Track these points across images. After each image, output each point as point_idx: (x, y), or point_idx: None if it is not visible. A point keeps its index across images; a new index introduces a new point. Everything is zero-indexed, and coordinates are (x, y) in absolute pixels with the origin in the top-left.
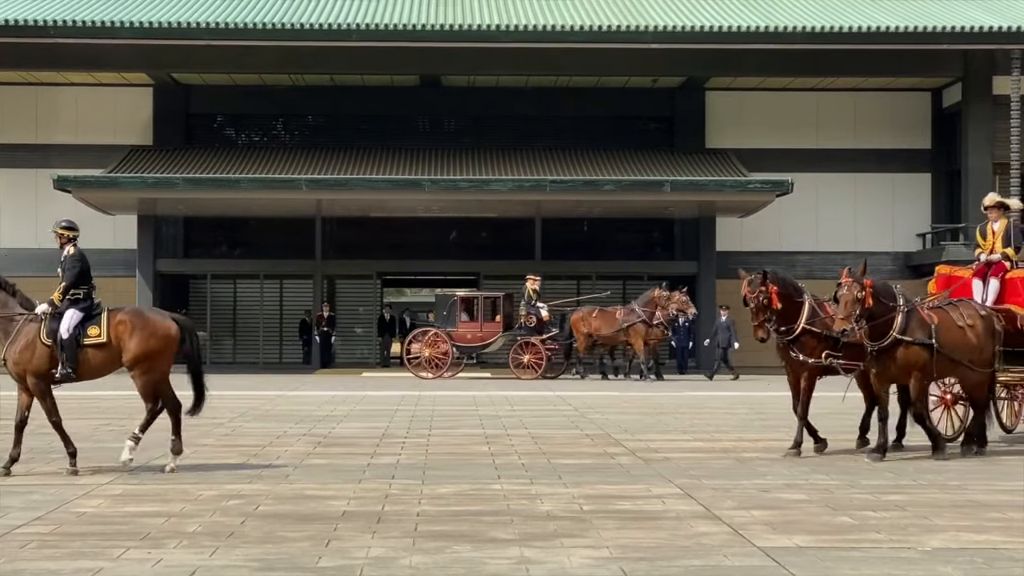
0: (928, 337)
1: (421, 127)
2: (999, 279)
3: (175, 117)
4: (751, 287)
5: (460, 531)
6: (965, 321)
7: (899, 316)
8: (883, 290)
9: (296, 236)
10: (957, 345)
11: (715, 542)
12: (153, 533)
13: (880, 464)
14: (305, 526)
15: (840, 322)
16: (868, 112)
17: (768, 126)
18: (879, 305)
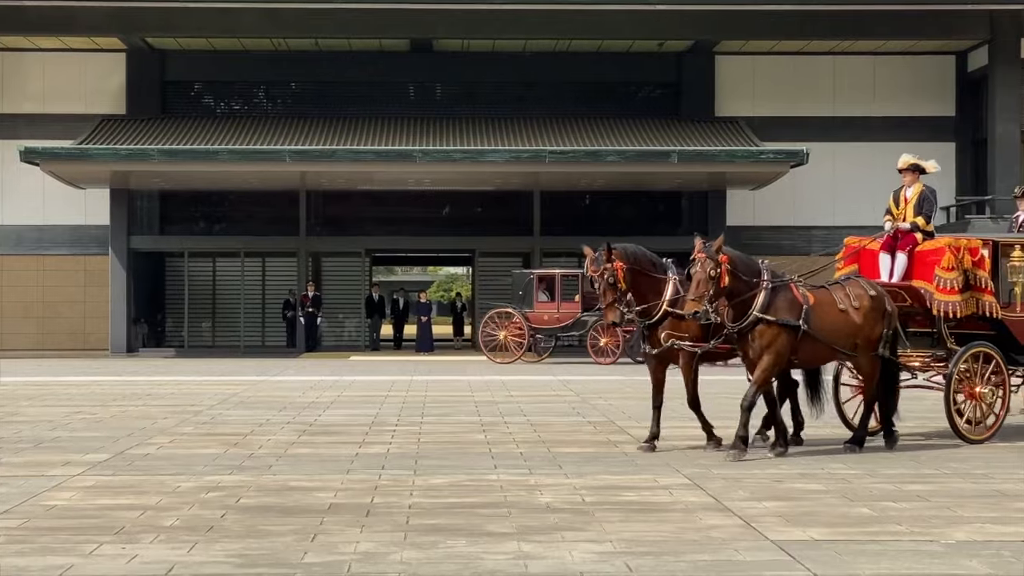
0: (796, 318)
1: (412, 95)
2: (907, 253)
3: (149, 85)
4: (595, 264)
5: (454, 525)
6: (850, 303)
7: (761, 294)
8: (744, 266)
9: (279, 211)
10: (832, 327)
11: (726, 535)
12: (128, 527)
13: (899, 452)
14: (289, 520)
15: (690, 304)
16: (888, 77)
17: (782, 92)
18: (738, 282)
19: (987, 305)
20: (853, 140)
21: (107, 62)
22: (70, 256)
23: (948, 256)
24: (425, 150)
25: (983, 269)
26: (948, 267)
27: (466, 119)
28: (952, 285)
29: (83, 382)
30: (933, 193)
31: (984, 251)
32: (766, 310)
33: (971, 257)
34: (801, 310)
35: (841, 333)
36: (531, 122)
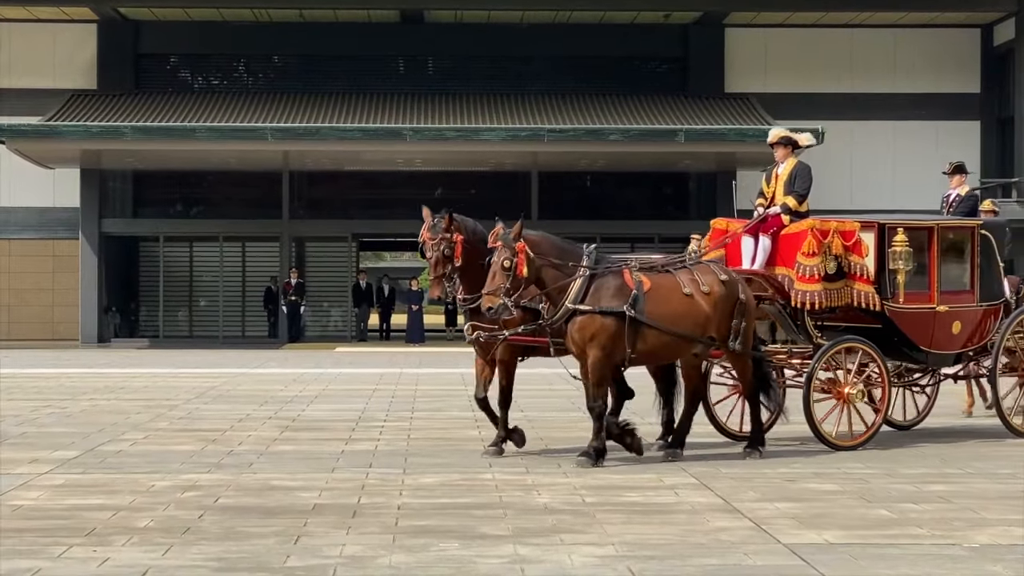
0: (621, 305)
1: (402, 69)
2: (770, 236)
3: (122, 57)
4: (432, 232)
5: (446, 526)
6: (698, 288)
7: (577, 282)
8: (557, 251)
9: (260, 193)
10: (674, 314)
11: (735, 538)
12: (99, 529)
13: (920, 451)
14: (271, 521)
15: (486, 298)
16: (909, 51)
17: (796, 68)
18: (550, 271)
19: (864, 296)
20: (872, 119)
21: (77, 33)
22: (37, 240)
23: (810, 240)
24: (416, 128)
25: (859, 255)
26: (809, 252)
27: (459, 95)
28: (813, 272)
29: (51, 374)
30: (807, 169)
31: (864, 235)
32: (583, 299)
33: (844, 241)
34: (629, 296)
35: (686, 320)
36: (529, 99)
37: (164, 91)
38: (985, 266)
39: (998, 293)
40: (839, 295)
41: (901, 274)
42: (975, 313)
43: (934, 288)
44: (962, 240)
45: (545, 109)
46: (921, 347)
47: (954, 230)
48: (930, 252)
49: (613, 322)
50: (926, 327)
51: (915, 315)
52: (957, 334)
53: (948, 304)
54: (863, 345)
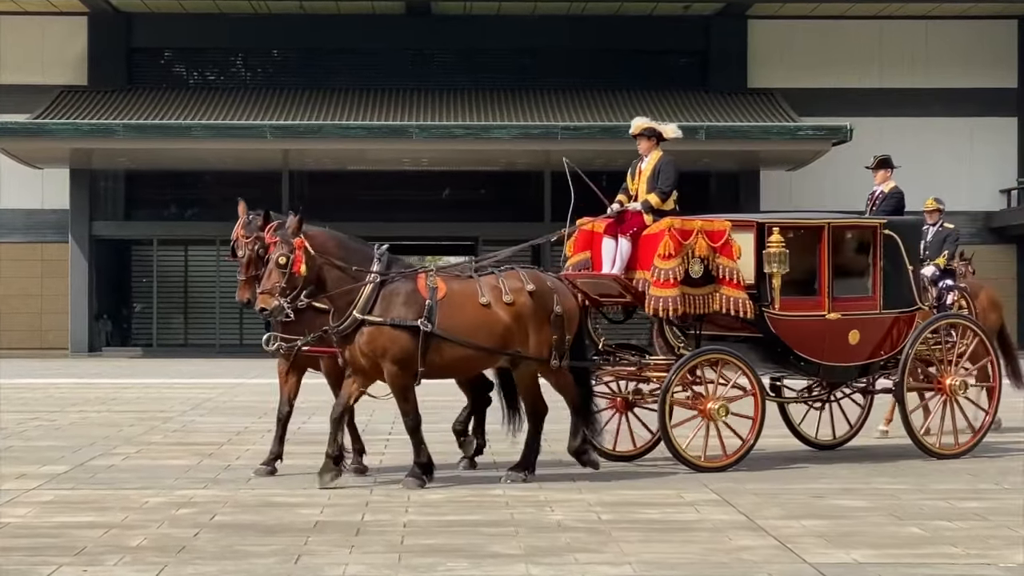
0: (417, 316)
1: (408, 63)
2: (629, 237)
3: (114, 52)
4: (246, 230)
5: (454, 545)
6: (499, 296)
7: (367, 288)
8: (342, 251)
9: (259, 194)
10: (468, 325)
11: (758, 557)
12: (90, 548)
13: (953, 465)
14: (270, 539)
15: (260, 298)
16: (941, 44)
17: (822, 62)
18: (332, 272)
19: (734, 302)
20: (902, 115)
21: (67, 26)
22: (25, 244)
23: (666, 241)
24: (422, 126)
25: (728, 257)
26: (666, 254)
27: (468, 91)
28: (669, 276)
29: (40, 385)
30: (672, 163)
31: (740, 236)
32: (371, 308)
33: (711, 242)
34: (423, 306)
35: (481, 332)
36: (541, 94)
37: (158, 87)
38: (891, 270)
39: (909, 299)
40: (705, 301)
41: (776, 278)
42: (879, 322)
43: (825, 294)
44: (862, 241)
45: (558, 105)
46: (810, 358)
47: (852, 230)
48: (820, 254)
49: (401, 333)
50: (815, 336)
51: (800, 323)
52: (856, 344)
53: (842, 311)
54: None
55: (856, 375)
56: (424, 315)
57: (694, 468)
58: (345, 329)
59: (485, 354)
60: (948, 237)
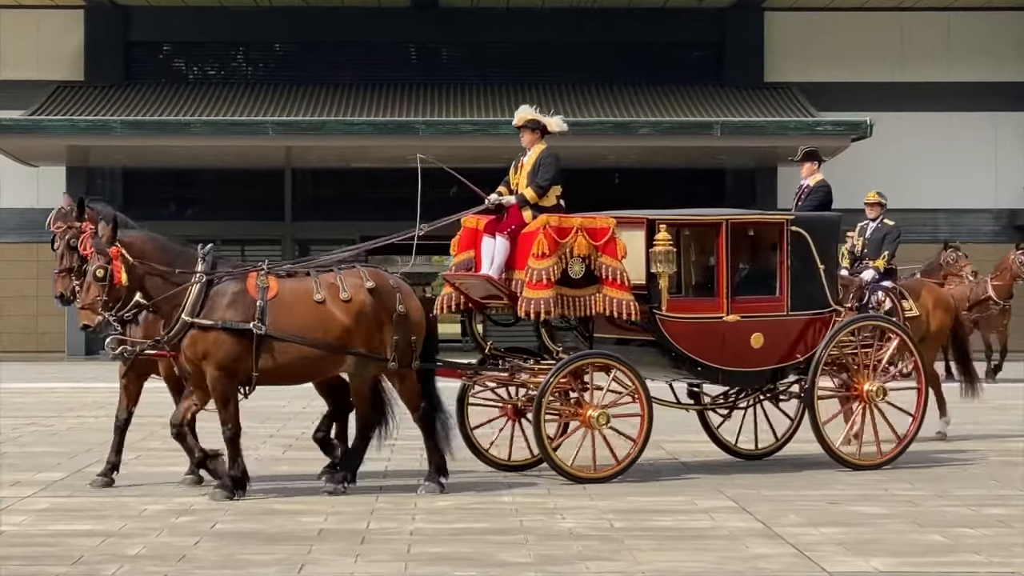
0: (248, 318)
1: (414, 58)
2: (507, 236)
3: (111, 47)
4: (62, 219)
5: (462, 553)
6: (336, 295)
7: (193, 290)
8: (163, 255)
9: (261, 192)
10: (301, 326)
11: (775, 566)
12: (87, 556)
13: (975, 471)
14: (272, 548)
15: (81, 314)
16: (965, 36)
17: (841, 55)
18: (155, 278)
19: (618, 304)
20: (923, 110)
21: (63, 20)
22: (19, 244)
23: (540, 239)
24: (429, 121)
25: (612, 256)
26: (540, 254)
27: (476, 86)
28: (542, 277)
29: (35, 389)
30: (553, 157)
31: (630, 233)
32: (199, 310)
33: (592, 241)
34: (253, 307)
35: (316, 332)
36: (551, 89)
37: (156, 82)
38: (800, 269)
39: (822, 300)
40: (586, 303)
41: (663, 278)
42: (786, 324)
43: (723, 295)
44: (767, 239)
45: (569, 101)
46: (708, 363)
47: (755, 227)
48: (718, 253)
49: (230, 337)
50: (712, 340)
51: (695, 326)
52: (761, 348)
53: (742, 313)
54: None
55: (766, 380)
56: (256, 317)
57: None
58: (175, 336)
59: (324, 357)
60: (888, 235)
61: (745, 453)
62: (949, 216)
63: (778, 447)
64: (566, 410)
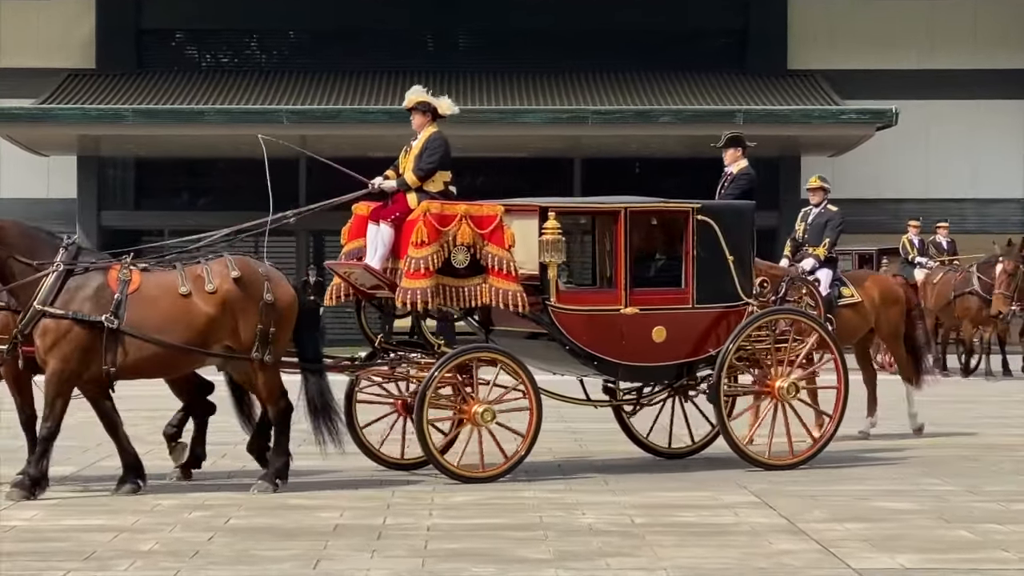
0: (103, 310)
1: (431, 45)
2: (391, 223)
3: (123, 34)
4: None
5: (480, 549)
6: (201, 286)
7: (49, 279)
8: (26, 240)
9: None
10: (163, 320)
11: (800, 562)
12: (100, 552)
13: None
14: (288, 543)
15: None
16: (994, 22)
17: (866, 42)
18: (17, 266)
19: (505, 295)
20: (951, 97)
21: (73, 7)
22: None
23: (420, 227)
24: None
25: (499, 245)
26: (419, 242)
27: (495, 74)
28: (420, 266)
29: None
30: (441, 141)
31: (522, 222)
32: (53, 300)
33: (478, 229)
34: (110, 300)
35: (178, 327)
36: (571, 77)
37: (169, 70)
38: (708, 260)
39: (731, 293)
40: (471, 294)
41: (552, 268)
42: (691, 317)
43: (621, 286)
44: (672, 229)
45: (590, 89)
46: (605, 357)
47: (658, 215)
48: (616, 242)
49: (81, 330)
50: (609, 333)
51: (591, 319)
52: (663, 342)
53: (641, 306)
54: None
55: (672, 376)
56: (111, 310)
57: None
58: (26, 325)
59: (184, 353)
60: (830, 221)
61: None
62: (976, 206)
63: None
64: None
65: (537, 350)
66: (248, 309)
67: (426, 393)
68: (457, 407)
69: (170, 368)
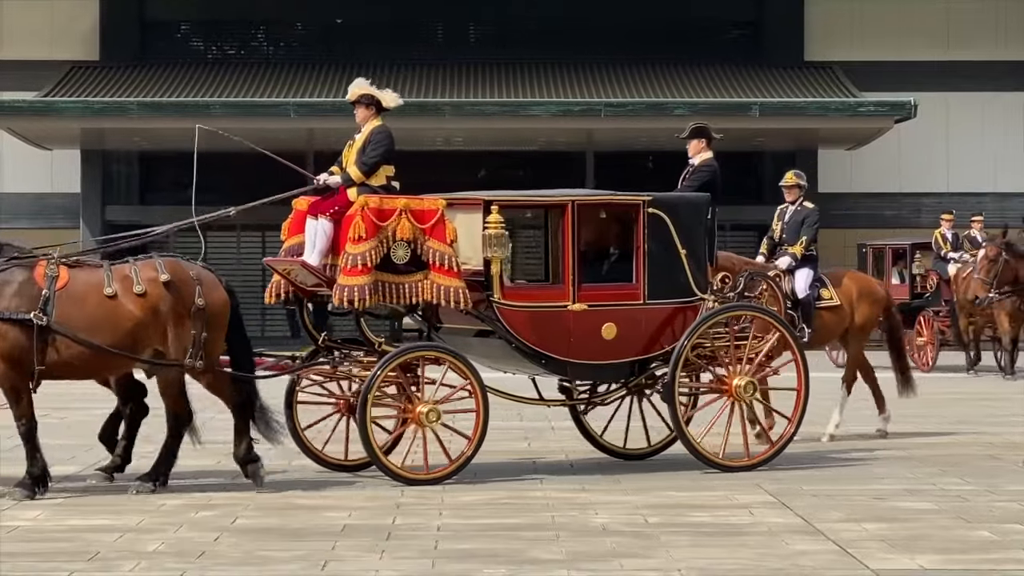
0: (31, 308)
1: (440, 36)
2: (330, 217)
3: (127, 25)
4: None
5: (492, 550)
6: (129, 287)
7: None
8: None
9: (283, 176)
10: (90, 321)
11: (817, 563)
12: (104, 552)
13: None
14: (295, 544)
15: None
16: (1014, 13)
17: (885, 33)
18: None
19: (447, 291)
20: (971, 89)
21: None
22: (33, 230)
23: (358, 222)
24: (455, 103)
25: (440, 240)
26: (357, 237)
27: (504, 65)
28: (357, 263)
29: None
30: (385, 134)
31: (466, 216)
32: None
33: (419, 223)
34: (38, 297)
35: (105, 327)
36: (582, 69)
37: (174, 62)
38: (660, 254)
39: (685, 288)
40: (412, 290)
41: (496, 263)
42: (643, 314)
43: (569, 282)
44: (622, 222)
45: (601, 81)
46: (554, 355)
47: (608, 208)
48: (564, 237)
49: (14, 328)
50: (557, 331)
51: (537, 316)
52: (614, 339)
53: (590, 302)
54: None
55: (625, 374)
56: (39, 307)
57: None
58: None
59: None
60: (807, 219)
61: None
62: (997, 199)
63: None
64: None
65: (486, 348)
66: (179, 313)
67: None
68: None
69: (99, 368)
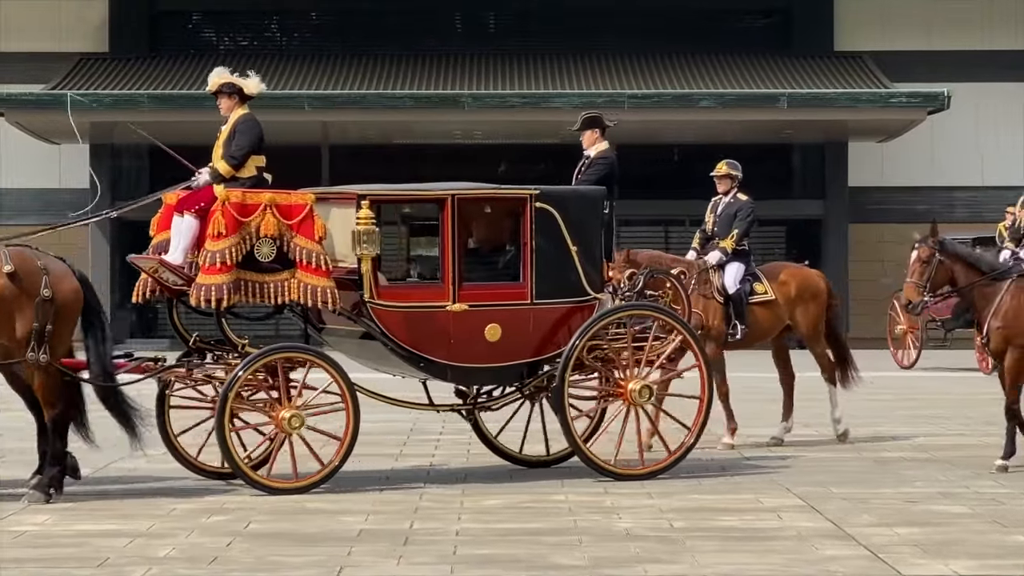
0: None
1: (459, 26)
2: (196, 213)
3: (137, 16)
4: None
5: (512, 555)
6: None
7: None
8: None
9: (296, 169)
10: None
11: (848, 569)
12: (113, 559)
13: None
14: (310, 549)
15: None
16: None
17: (917, 22)
18: None
19: (314, 291)
20: (1006, 80)
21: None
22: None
23: (218, 218)
24: (475, 95)
25: (308, 237)
26: (216, 234)
27: (525, 56)
28: (216, 260)
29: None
30: (251, 123)
31: (340, 210)
32: None
33: (285, 219)
34: None
35: None
36: (606, 59)
37: (185, 54)
38: (549, 251)
39: (576, 287)
40: (277, 290)
41: (366, 261)
42: (530, 314)
43: (448, 280)
44: (507, 217)
45: (625, 71)
46: (432, 358)
47: (491, 203)
48: (443, 233)
49: None
50: (434, 332)
51: (413, 316)
52: (498, 341)
53: (471, 302)
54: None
55: (511, 378)
56: None
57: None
58: None
59: None
60: (740, 211)
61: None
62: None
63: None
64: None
65: (367, 351)
66: (22, 305)
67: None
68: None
69: None
